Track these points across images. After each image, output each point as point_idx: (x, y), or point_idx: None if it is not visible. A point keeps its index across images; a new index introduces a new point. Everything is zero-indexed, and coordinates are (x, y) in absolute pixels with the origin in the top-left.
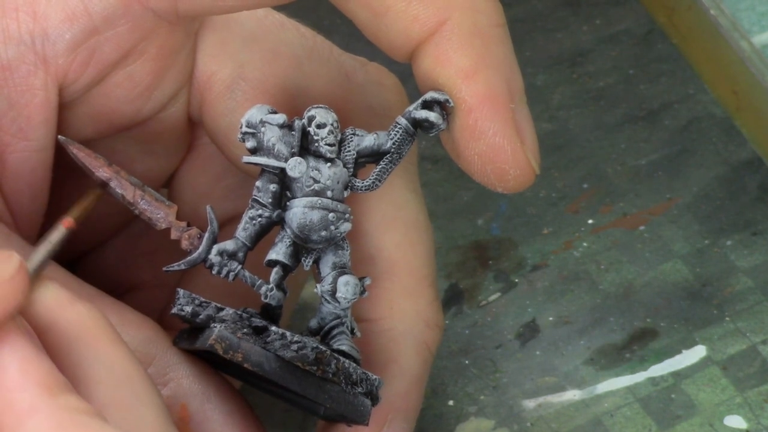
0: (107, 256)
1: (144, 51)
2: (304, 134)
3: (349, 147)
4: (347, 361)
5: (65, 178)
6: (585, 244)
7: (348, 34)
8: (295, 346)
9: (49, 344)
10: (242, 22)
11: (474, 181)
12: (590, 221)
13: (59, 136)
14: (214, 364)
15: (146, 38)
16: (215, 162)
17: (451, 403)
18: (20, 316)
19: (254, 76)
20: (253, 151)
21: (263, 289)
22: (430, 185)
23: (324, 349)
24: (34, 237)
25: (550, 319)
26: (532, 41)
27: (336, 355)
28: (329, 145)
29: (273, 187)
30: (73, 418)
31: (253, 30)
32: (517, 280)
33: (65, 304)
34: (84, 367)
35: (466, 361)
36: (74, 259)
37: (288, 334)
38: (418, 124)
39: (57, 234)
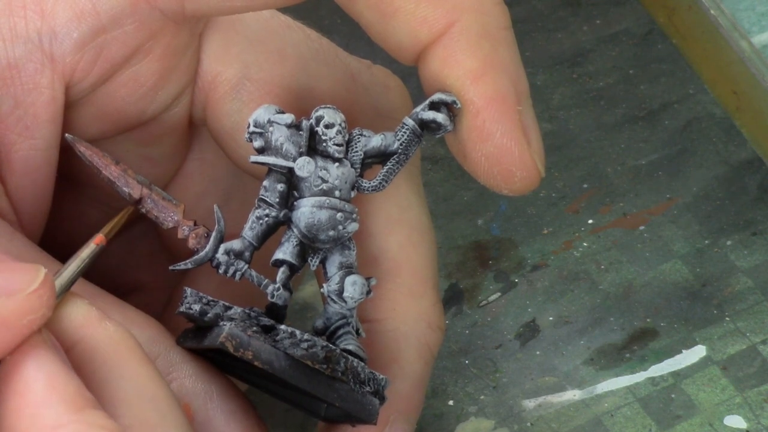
0: (108, 257)
1: (150, 51)
2: (312, 134)
3: (356, 147)
4: (355, 360)
5: (68, 179)
6: (585, 244)
7: (348, 34)
8: (305, 345)
9: (76, 361)
10: (248, 23)
11: (474, 181)
12: (590, 221)
13: (67, 135)
14: (217, 364)
15: (152, 38)
16: (210, 169)
17: (451, 403)
18: (47, 330)
19: (259, 77)
20: (261, 151)
21: (270, 288)
22: (430, 185)
23: (334, 348)
24: (38, 236)
25: (550, 319)
26: (532, 41)
27: (345, 354)
28: (337, 145)
29: (280, 186)
30: None
31: (258, 31)
32: (517, 280)
33: (94, 321)
34: (111, 386)
35: (466, 361)
36: None
37: (297, 332)
38: (424, 125)
39: (87, 251)
